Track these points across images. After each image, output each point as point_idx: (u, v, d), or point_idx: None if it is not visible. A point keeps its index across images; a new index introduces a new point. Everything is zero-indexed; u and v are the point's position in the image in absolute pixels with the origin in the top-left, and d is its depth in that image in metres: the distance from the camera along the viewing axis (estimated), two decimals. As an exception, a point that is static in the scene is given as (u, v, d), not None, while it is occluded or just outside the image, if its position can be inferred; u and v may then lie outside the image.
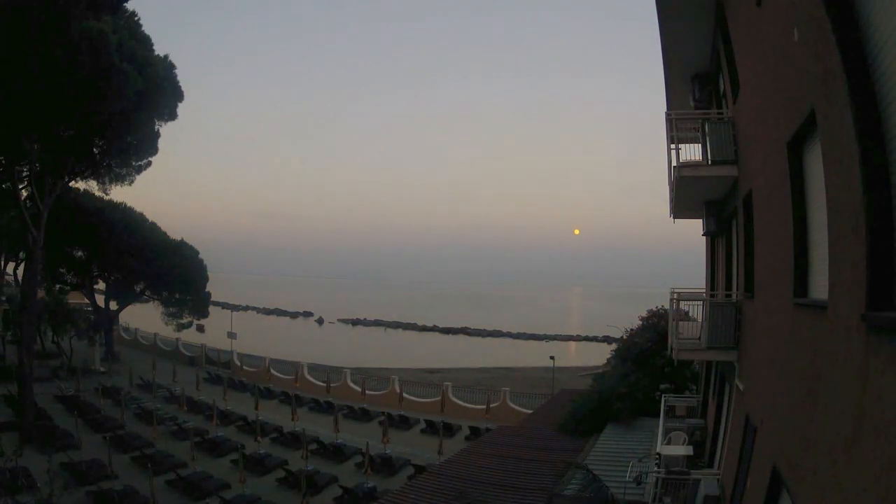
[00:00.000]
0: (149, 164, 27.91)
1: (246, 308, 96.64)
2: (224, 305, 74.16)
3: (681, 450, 10.41)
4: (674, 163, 9.18)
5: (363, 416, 25.43)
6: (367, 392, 28.68)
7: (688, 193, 9.98)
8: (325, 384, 29.34)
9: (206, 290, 38.56)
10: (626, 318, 20.00)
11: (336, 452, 19.49)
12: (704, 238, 12.60)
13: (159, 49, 23.40)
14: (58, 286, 36.38)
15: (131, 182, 28.31)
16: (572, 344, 69.55)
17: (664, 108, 12.42)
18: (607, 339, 49.43)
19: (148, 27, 23.10)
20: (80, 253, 35.98)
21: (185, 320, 38.20)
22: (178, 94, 24.74)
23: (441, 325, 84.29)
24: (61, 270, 36.38)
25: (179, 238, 38.02)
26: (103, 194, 30.16)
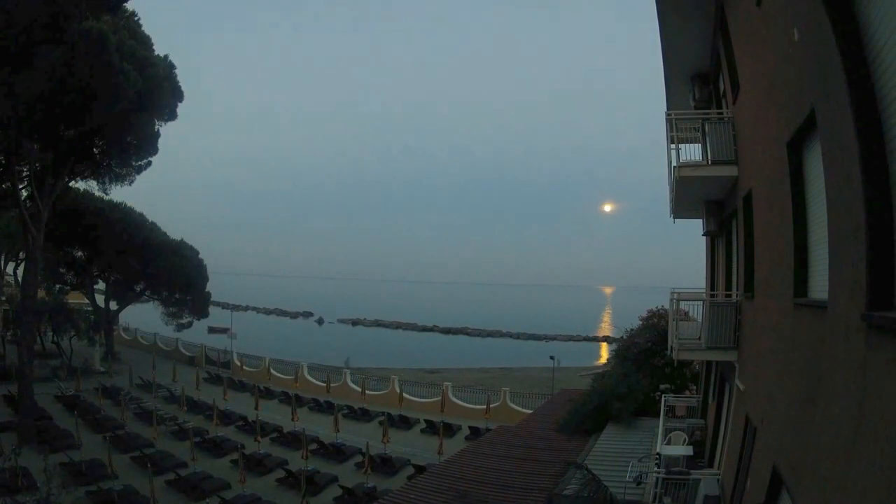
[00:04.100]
0: (149, 164, 27.89)
1: (246, 308, 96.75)
2: (224, 305, 74.26)
3: (681, 450, 10.42)
4: (674, 163, 9.18)
5: (363, 416, 25.44)
6: (367, 392, 28.66)
7: (688, 193, 9.98)
8: (325, 384, 29.33)
9: (206, 289, 38.60)
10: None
11: (336, 452, 19.51)
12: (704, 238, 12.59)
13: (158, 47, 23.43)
14: (58, 286, 36.46)
15: (131, 182, 28.31)
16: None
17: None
18: (607, 339, 49.49)
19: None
20: (80, 253, 35.97)
21: (185, 320, 38.25)
22: (178, 94, 24.78)
23: (441, 325, 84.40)
24: (61, 270, 36.42)
25: (179, 238, 38.10)
26: (103, 194, 30.17)
